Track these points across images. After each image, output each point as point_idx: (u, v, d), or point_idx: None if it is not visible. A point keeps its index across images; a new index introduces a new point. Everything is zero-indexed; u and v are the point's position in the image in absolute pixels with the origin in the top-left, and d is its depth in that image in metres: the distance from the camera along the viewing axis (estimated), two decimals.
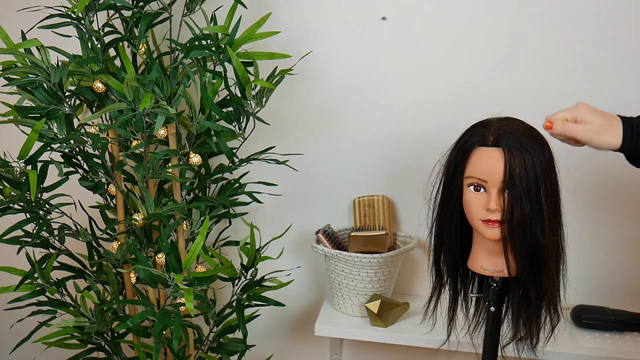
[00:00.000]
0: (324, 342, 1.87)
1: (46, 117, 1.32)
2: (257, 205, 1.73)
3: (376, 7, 1.60)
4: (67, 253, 1.53)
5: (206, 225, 1.34)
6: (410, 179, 1.64)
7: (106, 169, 1.44)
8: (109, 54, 1.46)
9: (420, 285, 1.78)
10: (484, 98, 1.59)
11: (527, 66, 1.57)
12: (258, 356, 1.90)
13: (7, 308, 1.46)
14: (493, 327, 1.20)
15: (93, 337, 1.52)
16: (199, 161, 1.47)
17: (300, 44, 1.63)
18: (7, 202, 1.36)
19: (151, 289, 1.54)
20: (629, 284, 1.66)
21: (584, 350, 1.50)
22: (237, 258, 1.55)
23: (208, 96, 1.38)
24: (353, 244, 1.63)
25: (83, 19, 1.37)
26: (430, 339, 1.44)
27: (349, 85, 1.67)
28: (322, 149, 1.73)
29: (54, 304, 1.49)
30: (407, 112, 1.65)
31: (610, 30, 1.50)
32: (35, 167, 1.35)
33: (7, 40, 1.31)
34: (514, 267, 1.10)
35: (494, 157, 1.05)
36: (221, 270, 1.40)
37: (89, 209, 1.62)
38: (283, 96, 1.67)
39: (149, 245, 1.50)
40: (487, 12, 1.55)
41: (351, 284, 1.61)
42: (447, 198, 1.14)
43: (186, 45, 1.39)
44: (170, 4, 1.45)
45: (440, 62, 1.61)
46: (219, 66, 1.47)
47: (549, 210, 1.06)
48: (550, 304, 1.13)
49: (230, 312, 1.60)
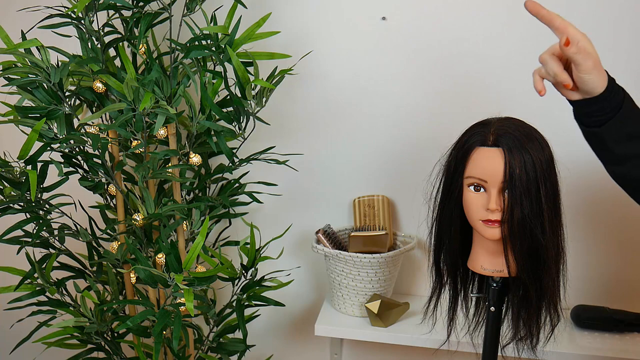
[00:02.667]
0: (324, 342, 1.87)
1: (46, 117, 1.32)
2: (257, 205, 1.74)
3: (376, 7, 1.60)
4: (67, 253, 1.53)
5: (206, 225, 1.34)
6: (410, 179, 1.64)
7: (106, 169, 1.44)
8: (109, 54, 1.46)
9: (420, 285, 1.78)
10: (484, 98, 1.59)
11: (527, 66, 1.57)
12: (258, 356, 1.90)
13: (7, 308, 1.46)
14: (493, 327, 1.20)
15: (93, 337, 1.52)
16: (199, 161, 1.47)
17: (300, 44, 1.63)
18: (7, 202, 1.36)
19: (151, 289, 1.54)
20: (629, 284, 1.66)
21: (584, 350, 1.50)
22: (237, 258, 1.55)
23: (208, 96, 1.38)
24: (353, 244, 1.63)
25: (83, 19, 1.37)
26: (430, 339, 1.44)
27: (349, 85, 1.67)
28: (322, 149, 1.73)
29: (54, 304, 1.49)
30: (407, 112, 1.66)
31: (610, 29, 1.51)
32: (35, 167, 1.35)
33: (7, 40, 1.31)
34: (514, 267, 1.10)
35: (494, 157, 1.05)
36: (221, 270, 1.40)
37: (89, 209, 1.62)
38: (283, 96, 1.67)
39: (149, 245, 1.50)
40: (488, 11, 1.55)
41: (351, 284, 1.61)
42: (447, 198, 1.14)
43: (186, 45, 1.39)
44: (170, 4, 1.45)
45: (440, 62, 1.61)
46: (219, 66, 1.47)
47: (549, 211, 1.06)
48: (550, 304, 1.13)
49: (230, 312, 1.60)
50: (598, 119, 0.98)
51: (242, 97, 1.41)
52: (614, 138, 0.98)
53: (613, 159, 1.01)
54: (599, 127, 0.98)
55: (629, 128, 0.97)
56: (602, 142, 1.00)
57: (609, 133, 0.98)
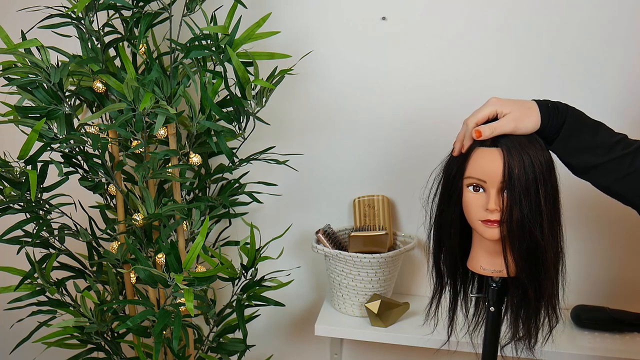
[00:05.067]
0: (324, 342, 1.87)
1: (46, 117, 1.32)
2: (257, 205, 1.74)
3: (376, 7, 1.60)
4: (67, 253, 1.53)
5: (206, 225, 1.34)
6: (411, 179, 1.64)
7: (106, 169, 1.44)
8: (109, 54, 1.46)
9: (420, 286, 1.78)
10: (485, 98, 1.59)
11: (528, 66, 1.57)
12: (258, 356, 1.90)
13: (7, 308, 1.46)
14: (493, 327, 1.20)
15: (93, 337, 1.52)
16: (199, 161, 1.47)
17: (300, 44, 1.63)
18: (7, 202, 1.36)
19: (151, 289, 1.54)
20: (629, 284, 1.66)
21: (584, 350, 1.50)
22: (237, 258, 1.55)
23: (208, 96, 1.38)
24: (353, 244, 1.63)
25: (83, 19, 1.37)
26: (430, 339, 1.44)
27: (349, 85, 1.67)
28: (322, 149, 1.73)
29: (54, 304, 1.49)
30: (407, 112, 1.65)
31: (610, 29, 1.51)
32: (35, 167, 1.35)
33: (7, 40, 1.31)
34: (513, 267, 1.10)
35: (493, 157, 1.05)
36: (221, 270, 1.40)
37: (89, 209, 1.62)
38: (283, 96, 1.67)
39: (149, 245, 1.50)
40: (488, 11, 1.55)
41: (351, 284, 1.61)
42: (446, 198, 1.15)
43: (186, 45, 1.39)
44: (170, 4, 1.45)
45: (440, 62, 1.61)
46: (219, 66, 1.47)
47: (548, 211, 1.06)
48: (549, 304, 1.13)
49: (230, 312, 1.60)
50: (546, 139, 1.09)
51: (242, 97, 1.41)
52: (566, 153, 1.09)
53: (575, 170, 1.11)
54: (550, 144, 1.10)
55: (578, 142, 1.07)
56: (559, 156, 1.10)
57: (558, 149, 1.09)
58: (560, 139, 1.07)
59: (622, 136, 1.08)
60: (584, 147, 1.06)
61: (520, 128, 1.06)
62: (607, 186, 1.08)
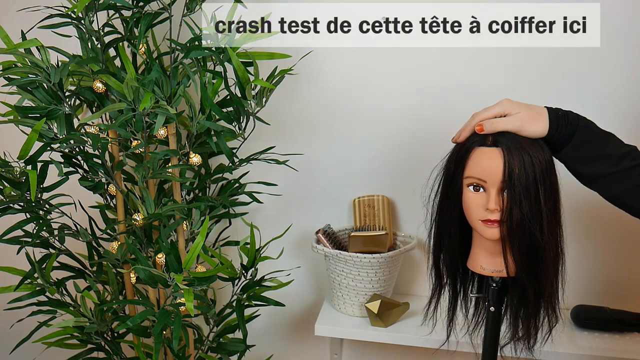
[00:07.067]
0: (324, 342, 1.87)
1: (46, 117, 1.32)
2: (257, 205, 1.73)
3: (376, 7, 1.60)
4: (67, 253, 1.53)
5: (206, 225, 1.34)
6: (411, 179, 1.63)
7: (106, 169, 1.44)
8: (109, 54, 1.46)
9: (420, 285, 1.78)
10: (485, 98, 1.58)
11: (528, 66, 1.57)
12: (258, 356, 1.90)
13: (7, 308, 1.46)
14: (492, 327, 1.20)
15: (93, 337, 1.52)
16: (199, 161, 1.47)
17: (301, 44, 1.63)
18: (7, 202, 1.36)
19: (151, 289, 1.54)
20: (629, 284, 1.66)
21: (583, 350, 1.50)
22: (237, 258, 1.55)
23: (208, 96, 1.38)
24: (353, 244, 1.63)
25: (83, 19, 1.37)
26: (430, 339, 1.44)
27: (349, 85, 1.67)
28: (322, 149, 1.73)
29: (54, 304, 1.49)
30: (407, 112, 1.65)
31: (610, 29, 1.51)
32: (35, 167, 1.35)
33: (7, 40, 1.31)
34: (513, 267, 1.10)
35: (493, 157, 1.05)
36: (221, 270, 1.40)
37: (89, 209, 1.62)
38: (283, 96, 1.67)
39: (149, 245, 1.50)
40: (488, 12, 1.55)
41: (351, 284, 1.61)
42: (446, 198, 1.15)
43: (186, 45, 1.39)
44: (170, 4, 1.45)
45: (440, 62, 1.61)
46: (219, 66, 1.47)
47: (548, 211, 1.06)
48: (549, 304, 1.13)
49: (230, 312, 1.60)
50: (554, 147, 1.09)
51: (242, 97, 1.41)
52: (576, 161, 1.09)
53: (584, 179, 1.11)
54: (557, 153, 1.10)
55: (588, 152, 1.07)
56: (566, 164, 1.11)
57: (567, 158, 1.10)
58: (569, 148, 1.08)
59: (632, 147, 1.08)
60: (594, 157, 1.07)
61: (526, 129, 1.06)
62: (616, 196, 1.09)
